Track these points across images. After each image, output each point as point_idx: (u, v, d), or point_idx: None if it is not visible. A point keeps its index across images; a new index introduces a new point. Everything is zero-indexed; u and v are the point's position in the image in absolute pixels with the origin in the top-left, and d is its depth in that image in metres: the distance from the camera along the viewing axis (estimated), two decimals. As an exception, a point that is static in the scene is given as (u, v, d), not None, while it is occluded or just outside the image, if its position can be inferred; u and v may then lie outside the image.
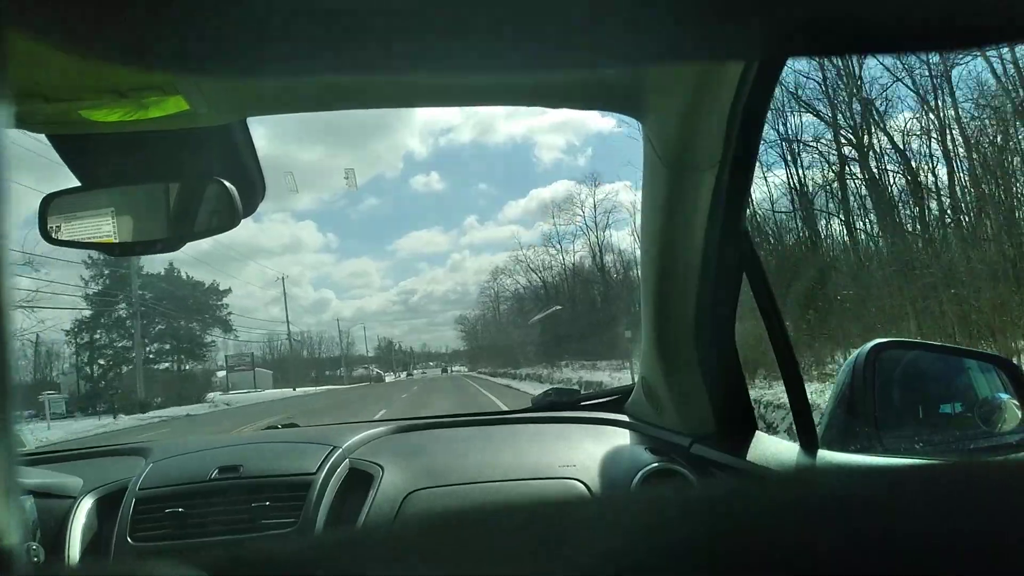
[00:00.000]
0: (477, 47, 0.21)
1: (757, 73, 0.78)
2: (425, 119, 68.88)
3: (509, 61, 0.23)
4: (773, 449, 0.96)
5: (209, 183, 0.94)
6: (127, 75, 0.72)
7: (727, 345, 1.04)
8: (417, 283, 70.02)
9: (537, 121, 58.16)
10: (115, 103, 0.78)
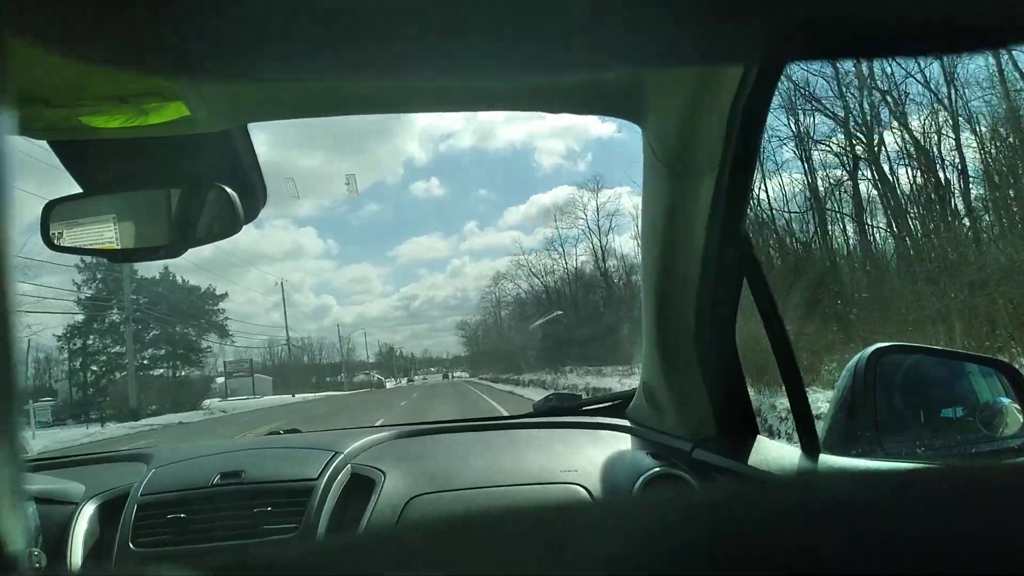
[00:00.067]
0: (478, 48, 0.21)
1: (757, 75, 0.78)
2: (425, 125, 68.95)
3: (510, 62, 0.23)
4: (775, 453, 0.96)
5: (210, 189, 0.95)
6: (127, 80, 0.72)
7: (728, 347, 1.04)
8: (418, 289, 69.96)
9: (537, 126, 58.16)
10: (116, 109, 0.78)
